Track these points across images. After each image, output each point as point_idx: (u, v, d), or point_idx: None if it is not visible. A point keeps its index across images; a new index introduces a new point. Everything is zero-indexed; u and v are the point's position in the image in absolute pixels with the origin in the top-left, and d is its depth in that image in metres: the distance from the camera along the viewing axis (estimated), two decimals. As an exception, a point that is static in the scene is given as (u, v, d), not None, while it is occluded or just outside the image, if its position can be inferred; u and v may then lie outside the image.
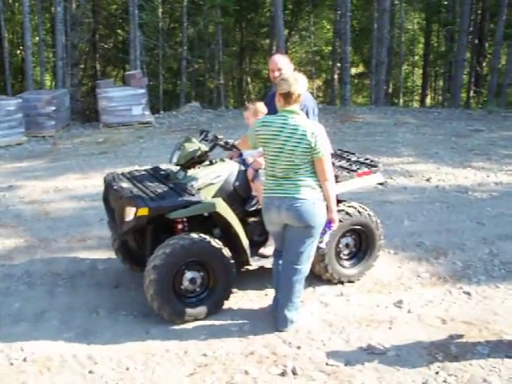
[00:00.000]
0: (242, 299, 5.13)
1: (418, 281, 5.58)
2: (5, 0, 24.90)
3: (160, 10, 24.45)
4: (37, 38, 23.19)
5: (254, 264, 5.07)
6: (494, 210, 7.78)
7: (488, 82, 28.94)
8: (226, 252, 4.73)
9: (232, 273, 4.78)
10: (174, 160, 5.08)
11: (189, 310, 4.68)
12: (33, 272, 5.88)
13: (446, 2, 27.88)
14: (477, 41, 28.37)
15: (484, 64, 30.47)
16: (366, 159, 5.71)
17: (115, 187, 4.88)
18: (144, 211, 4.46)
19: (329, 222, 4.37)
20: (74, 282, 5.65)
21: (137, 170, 5.48)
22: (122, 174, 5.34)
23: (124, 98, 15.44)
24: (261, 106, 5.45)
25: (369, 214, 5.41)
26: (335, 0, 26.89)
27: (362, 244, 5.52)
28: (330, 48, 32.06)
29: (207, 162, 5.14)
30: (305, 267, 4.47)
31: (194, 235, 4.64)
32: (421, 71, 34.55)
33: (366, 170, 5.44)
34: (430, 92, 34.72)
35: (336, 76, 27.42)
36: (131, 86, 15.68)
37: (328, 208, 4.31)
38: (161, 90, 25.13)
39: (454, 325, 4.68)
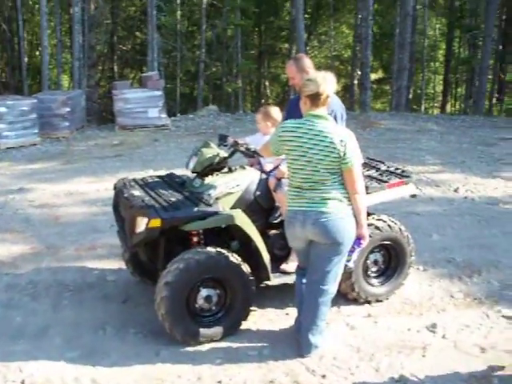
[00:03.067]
0: (260, 319, 4.73)
1: (452, 302, 5.14)
2: (24, 1, 24.87)
3: (179, 12, 24.20)
4: (56, 40, 23.09)
5: (275, 281, 4.65)
6: (529, 224, 7.32)
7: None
8: (245, 268, 4.33)
9: (251, 290, 4.37)
10: (191, 166, 4.70)
11: (203, 331, 4.28)
12: (38, 282, 5.53)
13: (468, 7, 27.39)
14: (501, 47, 27.82)
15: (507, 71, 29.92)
16: (397, 169, 5.30)
17: (126, 195, 4.50)
18: (156, 222, 4.07)
19: (358, 239, 3.95)
20: (80, 294, 5.28)
21: (150, 177, 5.10)
22: (134, 180, 4.97)
23: (140, 100, 15.08)
24: (273, 111, 5.09)
25: (400, 229, 4.99)
26: (356, 4, 26.55)
27: (391, 261, 5.10)
28: (350, 53, 31.69)
29: (226, 170, 4.76)
30: (331, 288, 4.05)
31: (211, 249, 4.24)
32: (441, 77, 34.07)
33: (397, 180, 5.03)
34: (450, 99, 34.14)
35: (355, 81, 26.95)
36: (148, 88, 15.34)
37: (358, 223, 3.89)
38: (178, 92, 24.87)
39: (495, 353, 4.25)
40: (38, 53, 29.22)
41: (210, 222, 4.19)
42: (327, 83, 3.79)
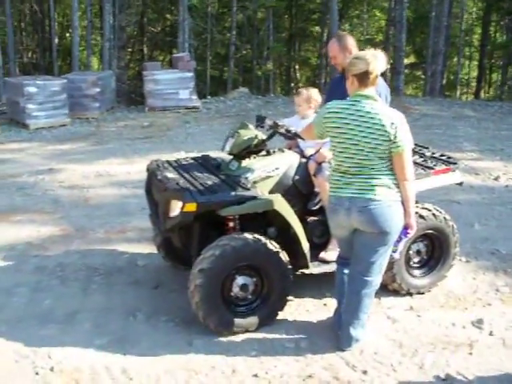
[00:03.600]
0: (297, 309, 4.52)
1: (498, 296, 4.87)
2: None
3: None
4: (86, 21, 23.04)
5: (314, 270, 4.44)
6: None
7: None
8: (284, 256, 4.12)
9: (289, 279, 4.16)
10: (227, 148, 4.49)
11: (238, 321, 4.08)
12: (67, 265, 5.39)
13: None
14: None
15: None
16: (442, 155, 5.04)
17: (159, 177, 4.31)
18: (192, 206, 3.87)
19: (405, 228, 3.71)
20: (110, 278, 5.13)
21: (184, 159, 4.91)
22: (168, 162, 4.78)
23: (171, 82, 14.90)
24: (315, 93, 4.86)
25: (444, 218, 4.73)
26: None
27: (434, 251, 4.85)
28: (381, 37, 31.12)
29: (264, 152, 4.54)
30: (376, 279, 3.82)
31: (248, 235, 4.03)
32: (475, 63, 33.35)
33: (443, 167, 4.76)
34: (484, 85, 33.36)
35: (388, 65, 26.40)
36: (178, 69, 15.15)
37: (405, 211, 3.65)
38: (208, 75, 24.64)
39: (547, 353, 3.99)
40: (68, 34, 29.24)
41: (249, 206, 3.98)
42: (377, 61, 3.53)
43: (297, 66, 33.47)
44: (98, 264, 5.40)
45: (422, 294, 4.81)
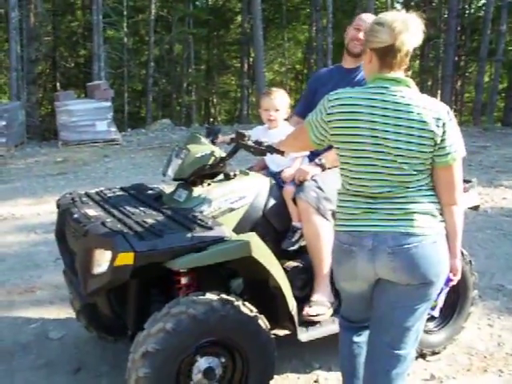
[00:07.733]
0: (281, 392, 3.25)
1: (531, 348, 3.79)
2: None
3: (125, 24, 22.72)
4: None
5: (302, 337, 3.14)
6: None
7: (469, 99, 28.15)
8: (263, 323, 2.84)
9: (272, 357, 2.87)
10: (170, 173, 3.21)
11: (203, 424, 2.76)
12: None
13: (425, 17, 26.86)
14: (456, 58, 27.48)
15: (459, 82, 29.75)
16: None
17: (76, 216, 2.94)
18: (127, 258, 2.54)
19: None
20: (11, 361, 3.67)
21: (110, 190, 3.56)
22: (87, 194, 3.44)
23: (87, 112, 13.39)
24: (283, 93, 3.66)
25: (461, 253, 3.62)
26: (309, 16, 25.71)
27: (448, 296, 3.71)
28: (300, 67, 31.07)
29: (221, 176, 3.29)
30: (412, 352, 2.54)
31: (212, 297, 2.73)
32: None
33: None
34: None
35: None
36: (95, 99, 13.68)
37: (450, 249, 2.46)
38: (126, 109, 23.25)
39: None
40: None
41: (214, 254, 2.67)
42: (409, 33, 2.32)
43: (215, 99, 32.66)
44: (-5, 340, 3.95)
45: (438, 353, 3.65)
